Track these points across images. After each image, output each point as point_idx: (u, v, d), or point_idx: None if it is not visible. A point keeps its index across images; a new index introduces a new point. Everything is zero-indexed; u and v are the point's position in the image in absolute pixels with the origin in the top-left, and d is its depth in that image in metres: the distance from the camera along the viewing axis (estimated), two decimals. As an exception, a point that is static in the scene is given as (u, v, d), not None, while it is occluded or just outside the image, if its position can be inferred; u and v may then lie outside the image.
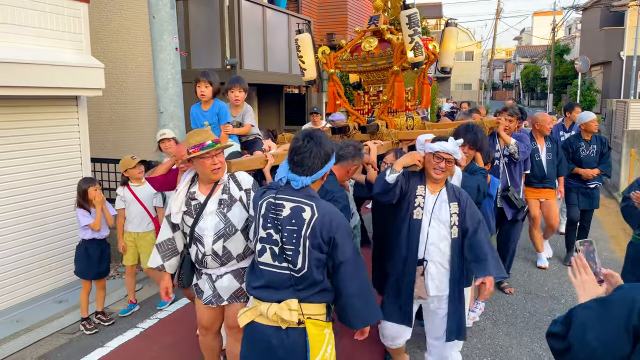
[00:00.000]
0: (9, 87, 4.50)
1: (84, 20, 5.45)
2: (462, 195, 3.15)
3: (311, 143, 2.39)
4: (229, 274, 2.98)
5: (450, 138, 3.07)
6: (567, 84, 29.83)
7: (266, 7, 8.60)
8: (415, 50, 3.97)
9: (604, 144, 5.97)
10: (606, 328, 1.50)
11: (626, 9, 22.70)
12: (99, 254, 4.56)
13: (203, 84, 3.80)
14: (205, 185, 2.98)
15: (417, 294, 3.11)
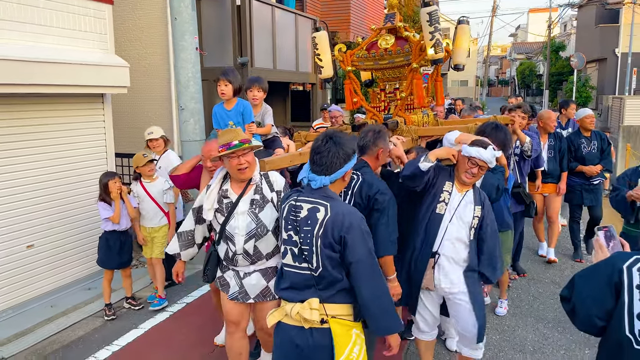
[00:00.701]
0: (42, 85, 4.77)
1: (109, 21, 5.72)
2: (486, 201, 3.19)
3: (330, 143, 2.40)
4: (257, 272, 3.01)
5: (490, 147, 3.07)
6: (563, 80, 30.14)
7: (275, 7, 8.87)
8: (435, 47, 3.98)
9: (604, 140, 6.03)
10: (595, 285, 1.89)
11: (621, 6, 23.02)
12: (119, 245, 4.73)
13: (223, 82, 3.78)
14: (237, 183, 2.99)
15: (425, 284, 3.18)
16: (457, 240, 3.12)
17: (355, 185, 3.10)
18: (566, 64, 30.20)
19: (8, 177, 4.78)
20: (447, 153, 3.12)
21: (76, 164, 5.41)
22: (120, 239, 4.75)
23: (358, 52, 4.59)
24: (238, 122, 3.83)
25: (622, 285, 1.82)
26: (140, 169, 4.83)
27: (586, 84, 25.96)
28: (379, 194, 3.01)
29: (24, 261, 4.91)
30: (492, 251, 3.16)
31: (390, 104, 4.66)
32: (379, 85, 4.80)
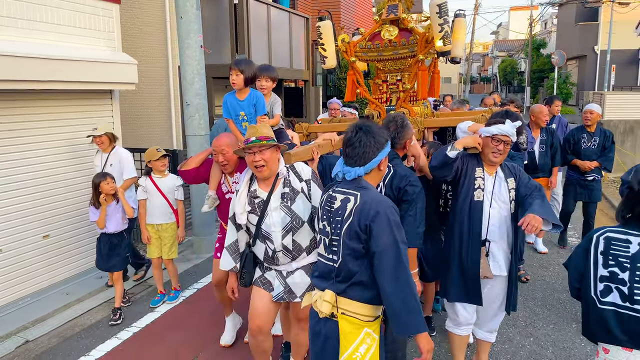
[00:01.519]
0: (57, 81, 4.96)
1: (116, 20, 5.93)
2: (516, 169, 3.23)
3: (360, 133, 2.36)
4: (300, 270, 2.98)
5: (507, 120, 3.11)
6: (544, 77, 30.69)
7: (270, 6, 9.12)
8: (444, 39, 4.00)
9: (608, 138, 5.95)
10: (577, 252, 2.30)
11: (600, 4, 23.43)
12: (108, 248, 4.62)
13: (234, 72, 3.68)
14: (263, 181, 2.96)
15: (482, 273, 3.16)
16: (501, 223, 3.14)
17: (387, 177, 3.13)
18: (547, 61, 30.78)
19: (24, 170, 4.97)
20: (473, 141, 3.15)
21: (88, 157, 5.60)
22: (111, 241, 4.64)
23: (361, 43, 4.53)
24: (250, 113, 3.78)
25: (589, 251, 2.16)
26: (153, 164, 4.72)
27: (567, 81, 26.55)
28: (408, 186, 3.05)
29: (40, 250, 5.11)
30: (531, 201, 3.00)
31: (392, 95, 4.65)
32: (379, 76, 4.75)
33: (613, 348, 2.12)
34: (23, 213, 4.94)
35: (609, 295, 2.09)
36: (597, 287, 2.13)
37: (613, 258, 2.10)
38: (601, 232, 2.18)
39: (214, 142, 3.63)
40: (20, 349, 4.16)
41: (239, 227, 3.06)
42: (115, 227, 4.64)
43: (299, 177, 2.98)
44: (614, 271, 2.09)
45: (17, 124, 4.89)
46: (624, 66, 23.41)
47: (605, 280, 2.10)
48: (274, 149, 2.89)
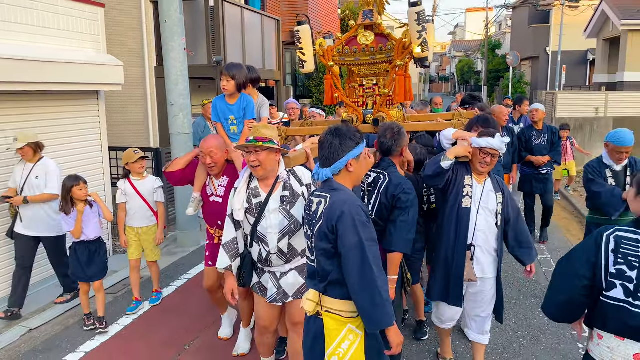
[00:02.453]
0: (41, 83, 5.11)
1: (101, 23, 6.15)
2: (504, 186, 3.38)
3: (330, 136, 2.42)
4: (294, 271, 3.01)
5: (497, 135, 3.23)
6: (500, 77, 31.64)
7: (244, 8, 9.43)
8: (422, 46, 4.08)
9: (555, 134, 6.43)
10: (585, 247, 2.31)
11: (551, 7, 24.36)
12: (87, 256, 4.39)
13: (225, 78, 3.74)
14: (264, 181, 2.98)
15: (466, 276, 3.30)
16: (487, 230, 3.28)
17: (382, 185, 3.21)
18: (502, 62, 31.74)
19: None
20: (464, 151, 3.25)
21: (75, 156, 5.81)
22: (90, 249, 4.41)
23: (338, 48, 4.57)
24: (239, 117, 3.85)
25: (600, 247, 2.22)
26: (131, 166, 4.64)
27: (521, 80, 27.51)
28: (402, 194, 3.10)
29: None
30: (519, 233, 3.33)
31: (368, 99, 4.73)
32: (355, 80, 4.78)
33: (607, 335, 2.22)
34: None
35: (612, 290, 2.17)
36: (605, 282, 2.20)
37: (623, 257, 2.16)
38: (611, 232, 2.24)
39: (202, 144, 3.60)
40: (25, 337, 4.38)
41: (238, 225, 3.06)
42: (94, 233, 4.42)
43: (300, 181, 2.99)
44: (621, 269, 2.15)
45: (7, 125, 5.03)
46: (573, 66, 24.47)
47: (612, 276, 2.17)
48: (270, 151, 2.87)
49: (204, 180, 3.77)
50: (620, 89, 15.32)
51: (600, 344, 2.23)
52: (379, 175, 3.24)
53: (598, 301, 2.22)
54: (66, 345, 4.22)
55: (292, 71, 13.89)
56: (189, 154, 3.92)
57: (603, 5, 16.41)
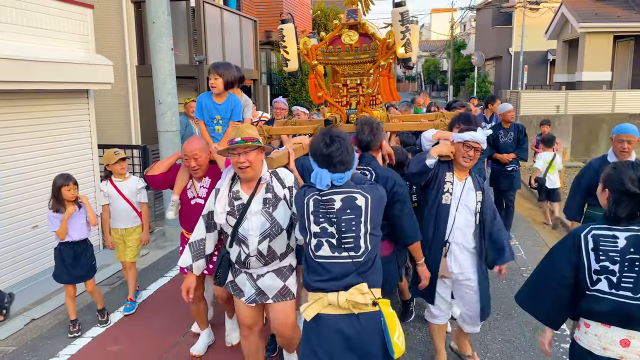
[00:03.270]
0: (32, 82, 5.23)
1: (90, 23, 6.32)
2: (484, 186, 3.42)
3: (337, 142, 2.50)
4: (271, 273, 2.99)
5: (479, 128, 3.33)
6: (465, 76, 32.37)
7: (223, 9, 9.67)
8: (406, 47, 4.08)
9: (521, 132, 6.56)
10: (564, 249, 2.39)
11: (513, 10, 25.29)
12: (72, 257, 4.32)
13: (213, 76, 3.70)
14: (246, 183, 2.94)
15: (441, 273, 3.35)
16: (465, 227, 3.30)
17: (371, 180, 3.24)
18: (467, 61, 32.57)
19: (13, 165, 5.28)
20: (447, 149, 3.31)
21: (66, 153, 5.95)
22: (75, 250, 4.33)
23: (322, 47, 4.53)
24: (225, 118, 3.80)
25: (580, 248, 2.31)
26: (112, 167, 4.57)
27: (485, 80, 28.38)
28: (397, 186, 3.16)
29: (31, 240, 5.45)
30: (495, 234, 3.37)
31: (352, 99, 4.72)
32: (339, 80, 4.76)
33: (593, 323, 2.31)
34: (13, 206, 5.27)
35: (597, 284, 2.27)
36: (591, 279, 2.30)
37: (604, 253, 2.26)
38: (587, 231, 2.33)
39: (186, 147, 3.55)
40: (29, 326, 4.55)
41: (210, 227, 3.04)
42: (80, 234, 4.34)
43: (282, 183, 2.97)
44: (605, 265, 2.25)
45: (2, 122, 5.16)
46: (535, 66, 25.47)
47: (596, 273, 2.27)
48: (258, 150, 2.88)
49: (185, 183, 3.73)
50: (579, 88, 16.17)
51: (587, 332, 2.31)
52: (364, 172, 3.25)
53: (584, 295, 2.31)
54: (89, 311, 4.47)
55: (267, 70, 14.16)
56: (170, 157, 3.88)
57: (563, 8, 17.26)
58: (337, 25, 4.55)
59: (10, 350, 4.20)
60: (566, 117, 13.39)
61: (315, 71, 4.57)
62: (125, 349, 4.12)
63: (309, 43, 4.54)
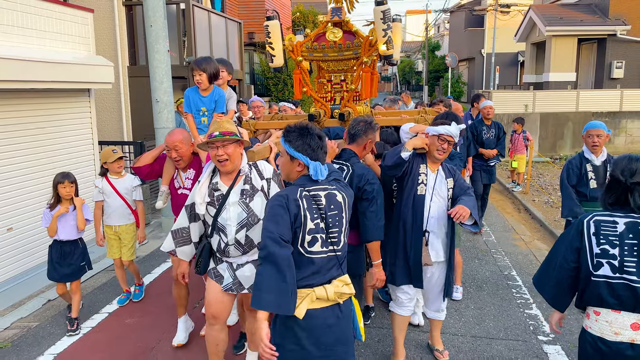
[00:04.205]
0: (38, 81, 5.54)
1: (91, 26, 6.71)
2: (455, 171, 3.59)
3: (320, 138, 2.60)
4: (250, 264, 3.09)
5: (453, 123, 3.43)
6: (440, 77, 32.99)
7: (211, 12, 10.11)
8: (387, 44, 4.15)
9: (501, 129, 6.92)
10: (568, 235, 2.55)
11: (485, 12, 26.02)
12: (59, 256, 4.41)
13: (197, 72, 3.80)
14: (226, 175, 3.05)
15: (423, 261, 3.47)
16: (439, 216, 3.47)
17: (347, 176, 3.32)
18: (442, 62, 33.15)
19: (20, 159, 5.57)
20: (422, 142, 3.42)
21: (69, 149, 6.32)
22: (64, 249, 4.42)
23: (307, 43, 4.59)
24: (210, 109, 3.92)
25: (583, 233, 2.44)
26: (109, 165, 4.65)
27: (459, 80, 29.06)
28: (367, 185, 3.26)
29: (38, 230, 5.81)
30: (461, 198, 3.45)
31: (336, 94, 4.79)
32: (324, 76, 4.84)
33: (603, 310, 2.38)
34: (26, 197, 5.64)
35: (600, 269, 2.36)
36: (592, 263, 2.40)
37: (604, 237, 2.36)
38: (590, 217, 2.45)
39: (168, 138, 3.68)
40: (47, 305, 4.95)
41: (192, 217, 3.16)
42: (69, 235, 4.40)
43: (261, 175, 3.08)
44: (605, 248, 2.35)
45: (7, 120, 5.44)
46: (506, 67, 26.26)
47: (597, 257, 2.37)
48: (236, 143, 2.97)
49: (172, 174, 3.89)
50: (546, 88, 17.01)
51: (598, 320, 2.39)
52: (342, 167, 3.37)
53: (590, 282, 2.40)
54: (88, 309, 4.85)
55: (250, 71, 14.60)
56: (156, 149, 4.00)
57: (531, 12, 18.09)
58: (322, 23, 4.64)
59: (34, 325, 4.61)
60: (534, 115, 14.18)
61: (300, 67, 4.64)
62: (140, 322, 4.57)
63: (295, 39, 4.62)
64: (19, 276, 5.42)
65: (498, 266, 5.91)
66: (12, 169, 5.48)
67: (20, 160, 5.60)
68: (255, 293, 2.37)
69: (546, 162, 12.81)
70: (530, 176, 10.21)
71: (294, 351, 2.47)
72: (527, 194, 9.78)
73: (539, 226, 7.77)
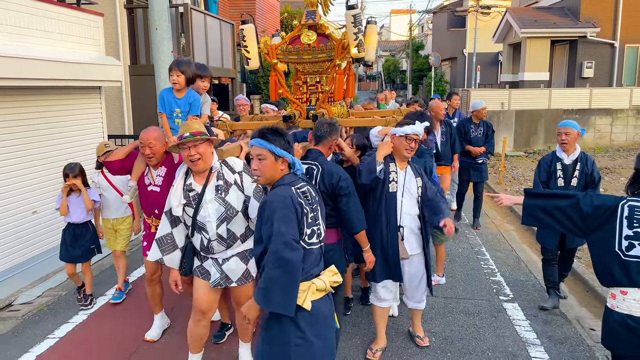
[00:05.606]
0: (55, 79, 6.10)
1: (101, 29, 7.33)
2: (422, 171, 3.76)
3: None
4: (235, 257, 3.19)
5: (417, 122, 3.57)
6: (423, 76, 33.39)
7: (206, 15, 10.77)
8: (359, 47, 4.26)
9: (489, 127, 7.04)
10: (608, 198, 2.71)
11: (467, 13, 26.44)
12: (71, 238, 4.72)
13: (175, 72, 3.78)
14: (198, 175, 3.13)
15: (400, 256, 3.63)
16: (410, 211, 3.65)
17: (317, 175, 3.38)
18: (425, 61, 33.76)
19: (39, 150, 6.14)
20: (388, 149, 3.59)
21: (82, 141, 6.93)
22: (75, 231, 4.72)
23: (282, 46, 4.64)
24: (184, 112, 3.90)
25: (616, 213, 2.58)
26: (102, 158, 4.60)
27: (442, 79, 29.55)
28: (341, 181, 3.34)
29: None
30: (435, 207, 3.70)
31: (311, 96, 4.87)
32: (300, 78, 4.93)
33: (630, 290, 2.54)
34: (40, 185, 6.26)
35: (632, 249, 2.51)
36: (622, 244, 2.53)
37: (637, 221, 2.50)
38: (625, 201, 2.58)
39: (143, 135, 3.71)
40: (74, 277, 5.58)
41: (174, 222, 3.21)
42: (79, 217, 4.71)
43: (232, 169, 3.19)
44: (637, 231, 2.50)
45: (27, 114, 6.01)
46: (487, 66, 26.90)
47: (629, 238, 2.51)
48: (207, 143, 3.09)
49: (142, 170, 3.93)
50: (521, 86, 17.87)
51: (626, 299, 2.56)
52: (312, 166, 3.41)
53: (622, 262, 2.55)
54: (108, 280, 5.50)
55: (241, 70, 15.24)
56: (129, 145, 4.06)
57: (507, 15, 18.95)
58: (297, 26, 4.70)
59: (63, 293, 5.27)
60: (509, 112, 15.03)
61: (276, 69, 4.70)
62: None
63: (270, 42, 4.71)
64: (44, 254, 6.06)
65: (470, 244, 6.69)
66: (35, 158, 6.09)
67: (42, 151, 6.20)
68: (263, 293, 2.40)
69: (520, 157, 13.67)
70: (503, 168, 11.04)
71: (299, 345, 2.46)
72: (500, 184, 10.59)
73: (509, 211, 8.56)
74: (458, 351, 4.01)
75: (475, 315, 4.63)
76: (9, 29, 5.59)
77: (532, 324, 4.46)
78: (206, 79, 4.19)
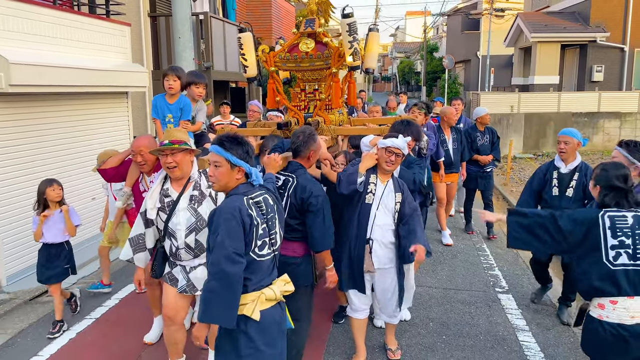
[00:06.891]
0: (88, 85, 6.64)
1: (128, 38, 7.86)
2: (404, 187, 3.64)
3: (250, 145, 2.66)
4: (202, 266, 3.19)
5: (400, 135, 3.51)
6: (437, 77, 33.30)
7: (225, 22, 11.31)
8: (354, 55, 4.28)
9: (494, 134, 6.94)
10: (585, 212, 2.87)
11: (481, 16, 26.69)
12: (45, 258, 4.45)
13: (171, 77, 3.85)
14: (176, 182, 3.17)
15: (365, 268, 3.57)
16: (384, 225, 3.54)
17: (291, 188, 3.32)
18: (439, 64, 33.90)
19: (73, 150, 6.67)
20: (372, 161, 3.53)
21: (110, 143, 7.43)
22: (49, 252, 4.46)
23: (281, 54, 4.68)
24: (176, 117, 3.99)
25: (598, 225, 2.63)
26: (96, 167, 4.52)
27: (455, 81, 29.77)
28: (312, 197, 3.23)
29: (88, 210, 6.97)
30: (411, 230, 3.52)
31: (310, 103, 4.86)
32: (299, 85, 4.93)
33: (620, 299, 2.58)
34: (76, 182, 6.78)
35: (619, 258, 2.56)
36: (609, 254, 2.59)
37: (620, 230, 2.57)
38: (603, 212, 2.65)
39: (133, 143, 3.77)
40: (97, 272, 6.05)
41: (148, 223, 3.27)
42: (54, 237, 4.42)
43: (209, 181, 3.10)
44: (622, 240, 2.56)
45: (64, 117, 6.54)
46: (501, 69, 26.94)
47: (615, 247, 2.57)
48: (186, 152, 3.12)
49: (137, 177, 3.96)
50: (531, 90, 18.14)
51: (615, 309, 2.60)
52: (288, 178, 3.37)
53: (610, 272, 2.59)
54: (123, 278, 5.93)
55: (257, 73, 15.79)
56: (122, 153, 4.07)
57: (518, 20, 19.24)
58: (295, 34, 4.76)
59: (96, 281, 5.75)
60: (519, 115, 15.34)
61: (274, 77, 4.76)
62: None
63: (267, 50, 4.74)
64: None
65: (472, 241, 7.08)
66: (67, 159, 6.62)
67: (75, 151, 6.75)
68: (203, 303, 2.39)
69: (527, 159, 13.98)
70: (510, 169, 11.39)
71: (250, 355, 2.48)
72: (507, 185, 10.94)
73: (512, 211, 8.89)
74: (453, 335, 4.43)
75: (471, 304, 5.04)
76: (46, 39, 6.13)
77: (523, 312, 4.86)
78: (201, 86, 4.35)
